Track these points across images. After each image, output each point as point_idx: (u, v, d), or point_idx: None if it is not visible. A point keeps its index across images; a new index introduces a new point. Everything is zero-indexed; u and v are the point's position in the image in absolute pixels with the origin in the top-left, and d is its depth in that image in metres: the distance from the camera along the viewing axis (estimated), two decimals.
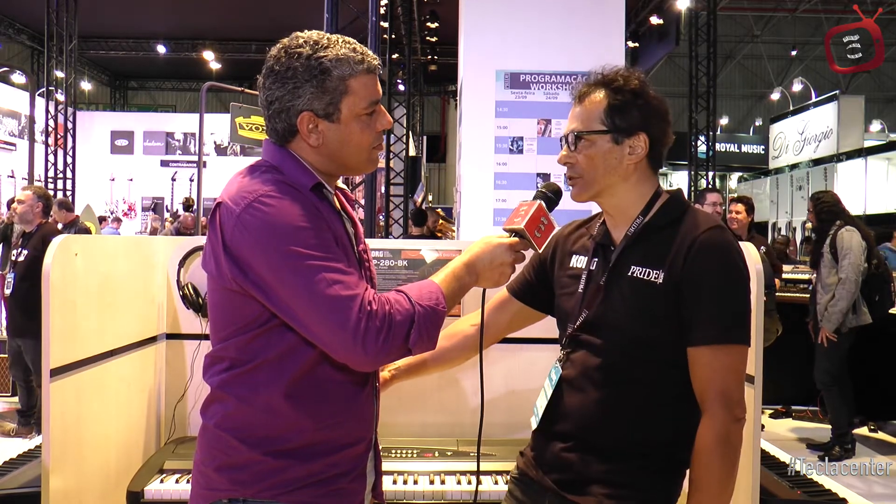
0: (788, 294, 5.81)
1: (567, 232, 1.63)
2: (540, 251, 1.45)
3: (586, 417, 1.44)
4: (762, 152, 18.35)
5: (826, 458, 4.52)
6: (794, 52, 21.62)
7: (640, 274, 1.40)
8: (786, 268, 6.67)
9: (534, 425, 1.55)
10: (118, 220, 13.58)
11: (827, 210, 4.79)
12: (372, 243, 1.54)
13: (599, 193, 1.47)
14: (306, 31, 1.35)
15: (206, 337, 2.38)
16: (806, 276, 6.23)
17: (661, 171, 1.55)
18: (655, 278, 1.38)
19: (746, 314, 1.38)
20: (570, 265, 1.56)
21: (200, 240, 2.41)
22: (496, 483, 2.07)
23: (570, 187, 1.49)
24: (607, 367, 1.43)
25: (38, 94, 13.79)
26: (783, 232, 15.04)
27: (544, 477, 1.48)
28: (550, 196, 1.48)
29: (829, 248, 4.65)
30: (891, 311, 4.87)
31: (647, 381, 1.41)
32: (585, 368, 1.46)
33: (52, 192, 13.09)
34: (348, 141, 1.34)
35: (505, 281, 1.42)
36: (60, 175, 13.90)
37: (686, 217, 1.43)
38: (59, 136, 13.93)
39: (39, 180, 13.31)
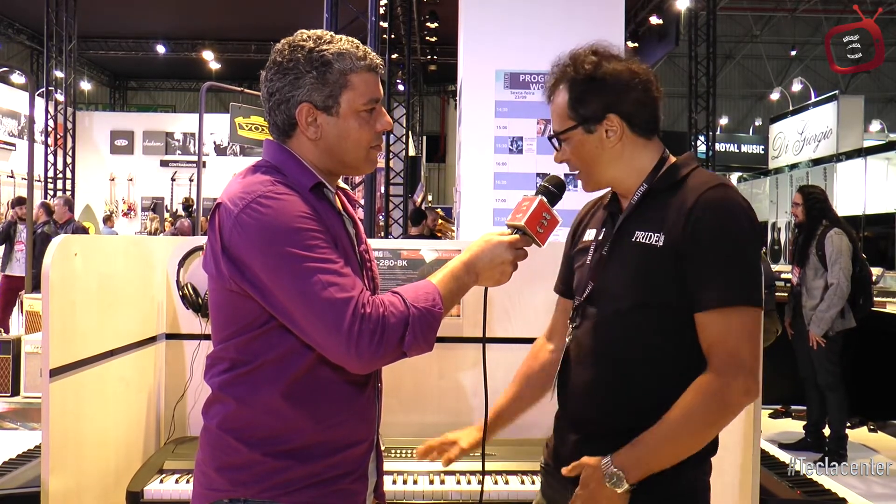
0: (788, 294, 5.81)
1: (584, 211, 1.62)
2: (543, 247, 1.42)
3: (594, 398, 1.40)
4: (762, 152, 18.33)
5: (826, 459, 4.52)
6: (793, 52, 21.59)
7: (643, 238, 1.37)
8: (786, 268, 6.68)
9: (550, 398, 1.53)
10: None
11: (818, 206, 4.75)
12: (371, 243, 1.53)
13: (603, 180, 1.46)
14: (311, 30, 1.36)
15: (205, 337, 2.38)
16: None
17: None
18: (656, 241, 1.35)
19: (756, 274, 1.32)
20: (583, 239, 1.54)
21: (200, 240, 2.41)
22: (496, 483, 2.07)
23: (580, 183, 1.50)
24: (609, 339, 1.39)
25: (38, 94, 13.76)
26: (783, 232, 15.05)
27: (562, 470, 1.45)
28: (553, 190, 1.44)
29: (817, 250, 4.61)
30: (873, 309, 4.88)
31: (652, 353, 1.35)
32: (589, 342, 1.42)
33: (51, 193, 13.16)
34: (346, 136, 1.34)
35: (506, 280, 1.39)
36: (60, 175, 13.91)
37: (689, 178, 1.38)
38: (58, 137, 13.93)
39: (39, 180, 13.31)
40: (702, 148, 13.52)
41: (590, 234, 1.53)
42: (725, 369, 1.27)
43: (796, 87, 18.84)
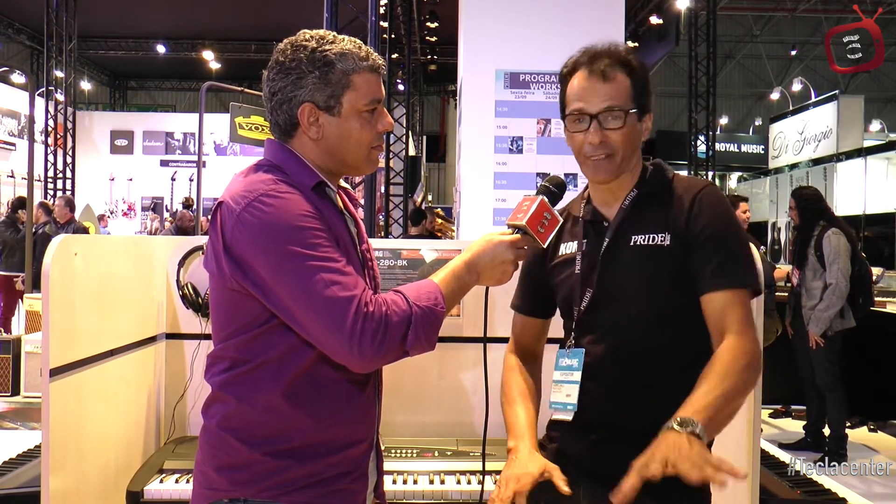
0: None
1: None
2: (544, 247, 1.43)
3: (614, 402, 1.41)
4: (762, 152, 18.32)
5: (826, 459, 4.52)
6: (793, 52, 21.58)
7: (644, 241, 1.42)
8: (786, 268, 6.68)
9: (562, 417, 1.47)
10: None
11: (812, 208, 4.74)
12: (371, 243, 1.53)
13: (622, 172, 1.47)
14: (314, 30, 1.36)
15: (205, 336, 2.38)
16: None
17: None
18: (662, 241, 1.41)
19: (753, 260, 1.43)
20: (560, 253, 1.55)
21: (200, 239, 2.41)
22: (496, 483, 2.06)
23: (596, 169, 1.45)
24: (628, 342, 1.41)
25: (38, 94, 13.75)
26: (783, 232, 15.06)
27: (574, 468, 1.43)
28: (554, 190, 1.45)
29: (815, 250, 4.61)
30: (872, 309, 4.87)
31: (671, 349, 1.39)
32: (598, 350, 1.43)
33: (51, 192, 13.16)
34: (348, 136, 1.34)
35: (507, 279, 1.40)
36: (60, 175, 13.90)
37: (675, 182, 1.48)
38: (58, 136, 13.93)
39: (39, 180, 13.31)
40: (702, 148, 13.52)
41: (568, 247, 1.54)
42: (744, 330, 1.34)
43: (796, 86, 18.83)
